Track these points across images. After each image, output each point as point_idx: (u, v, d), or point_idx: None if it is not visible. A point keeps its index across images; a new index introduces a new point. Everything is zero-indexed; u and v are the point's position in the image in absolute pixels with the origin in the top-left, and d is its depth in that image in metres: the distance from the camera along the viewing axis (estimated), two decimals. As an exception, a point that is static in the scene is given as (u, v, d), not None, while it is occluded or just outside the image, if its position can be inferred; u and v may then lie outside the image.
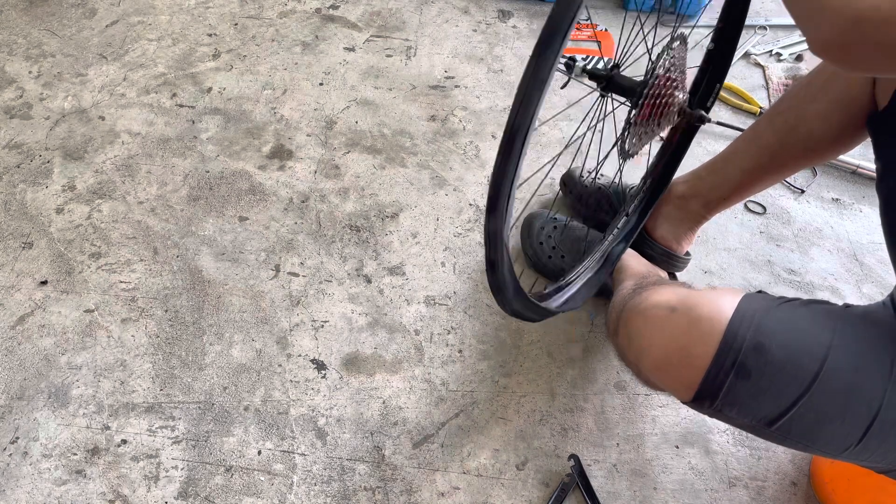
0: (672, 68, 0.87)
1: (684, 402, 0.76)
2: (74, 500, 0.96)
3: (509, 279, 0.79)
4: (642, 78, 0.87)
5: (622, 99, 0.89)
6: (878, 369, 0.67)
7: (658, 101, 0.87)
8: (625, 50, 0.90)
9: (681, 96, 0.88)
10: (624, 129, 0.91)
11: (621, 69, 0.89)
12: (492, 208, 0.71)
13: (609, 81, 0.87)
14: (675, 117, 0.90)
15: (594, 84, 0.89)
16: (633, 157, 0.93)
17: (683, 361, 0.74)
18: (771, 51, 1.66)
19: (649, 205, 1.15)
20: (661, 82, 0.87)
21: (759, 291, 0.83)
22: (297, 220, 1.28)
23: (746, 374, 0.70)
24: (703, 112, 0.92)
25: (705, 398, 0.73)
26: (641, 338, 0.81)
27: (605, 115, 0.92)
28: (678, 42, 0.89)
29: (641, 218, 1.15)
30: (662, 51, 0.87)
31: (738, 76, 1.61)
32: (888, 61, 0.53)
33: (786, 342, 0.70)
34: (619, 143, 0.92)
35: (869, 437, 0.67)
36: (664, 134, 0.98)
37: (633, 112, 0.88)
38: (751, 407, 0.71)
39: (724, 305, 0.74)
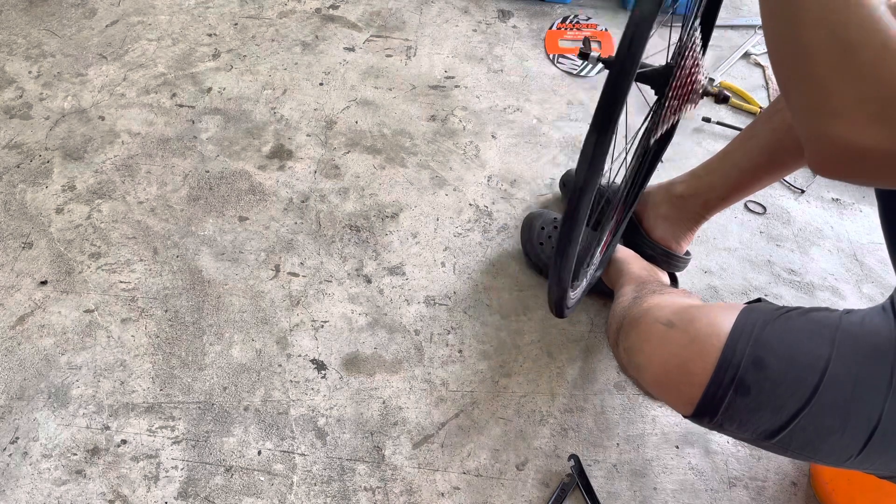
0: (694, 48, 0.87)
1: (685, 417, 0.76)
2: (74, 500, 0.96)
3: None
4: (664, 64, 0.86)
5: (645, 87, 0.87)
6: (877, 380, 0.66)
7: (686, 83, 0.86)
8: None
9: (703, 77, 0.88)
10: (653, 112, 0.89)
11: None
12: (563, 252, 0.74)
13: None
14: (700, 98, 0.90)
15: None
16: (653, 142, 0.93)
17: (682, 378, 0.74)
18: (771, 51, 1.66)
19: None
20: (688, 64, 0.86)
21: (759, 299, 0.83)
22: (297, 220, 1.28)
23: (746, 390, 0.70)
24: (726, 93, 0.91)
25: (705, 414, 0.74)
26: (640, 354, 0.81)
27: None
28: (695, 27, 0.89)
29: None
30: (688, 34, 0.87)
31: (738, 76, 1.61)
32: (889, 182, 0.54)
33: (785, 356, 0.70)
34: (645, 130, 0.91)
35: (870, 448, 0.67)
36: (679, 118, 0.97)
37: (663, 97, 0.87)
38: (750, 421, 0.71)
39: (722, 321, 0.74)
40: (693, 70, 0.86)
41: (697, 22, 0.90)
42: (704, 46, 1.03)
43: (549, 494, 0.99)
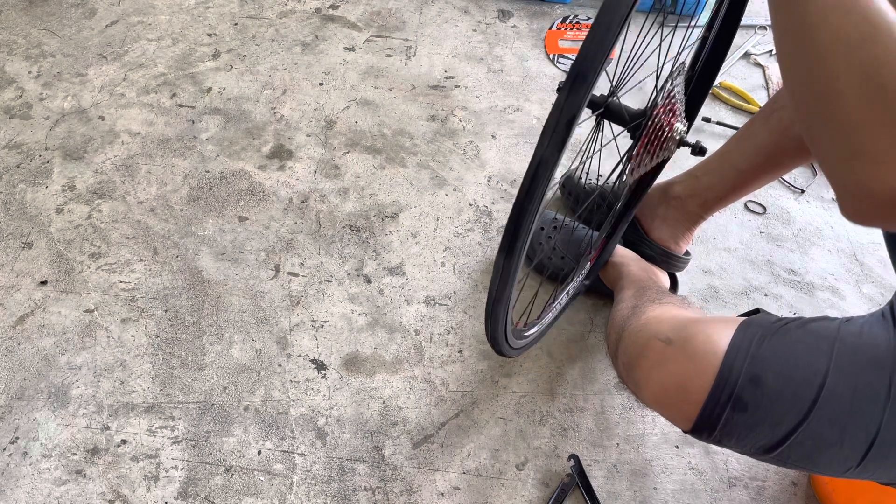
0: (673, 97, 0.85)
1: (684, 432, 0.77)
2: (74, 500, 0.96)
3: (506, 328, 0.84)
4: (643, 106, 0.84)
5: (620, 128, 0.85)
6: (876, 392, 0.66)
7: (658, 133, 0.85)
8: (623, 71, 0.84)
9: (680, 126, 0.87)
10: (623, 160, 0.89)
11: (619, 92, 0.84)
12: (509, 248, 0.74)
13: (605, 109, 0.83)
14: (676, 147, 0.88)
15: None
16: (629, 182, 0.92)
17: (680, 396, 0.74)
18: (771, 51, 1.66)
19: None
20: (662, 112, 0.84)
21: (757, 310, 0.82)
22: (296, 220, 1.28)
23: (743, 407, 0.70)
24: (702, 145, 0.89)
25: (703, 430, 0.74)
26: (639, 370, 0.81)
27: (603, 139, 0.89)
28: (678, 72, 0.86)
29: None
30: (665, 83, 0.85)
31: (738, 76, 1.61)
32: None
33: (782, 372, 0.69)
34: (619, 172, 0.91)
35: (868, 459, 0.67)
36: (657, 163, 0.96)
37: (633, 143, 0.85)
38: (749, 437, 0.71)
39: (720, 337, 0.74)
40: (668, 120, 0.84)
41: (681, 77, 0.88)
42: (702, 98, 1.04)
43: (549, 494, 0.99)
